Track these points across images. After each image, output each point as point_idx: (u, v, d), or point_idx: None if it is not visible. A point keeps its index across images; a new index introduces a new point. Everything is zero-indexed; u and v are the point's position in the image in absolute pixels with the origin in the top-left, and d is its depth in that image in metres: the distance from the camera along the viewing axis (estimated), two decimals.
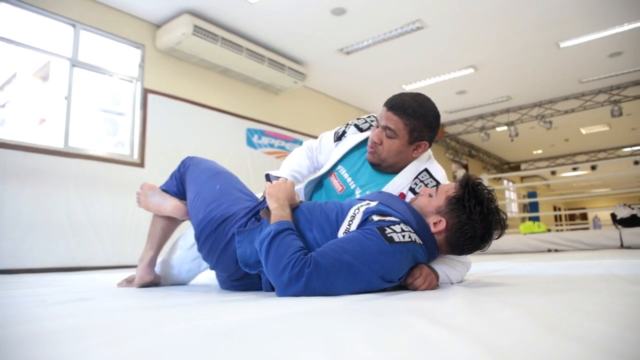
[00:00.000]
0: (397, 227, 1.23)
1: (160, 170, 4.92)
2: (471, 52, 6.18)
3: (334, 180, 1.66)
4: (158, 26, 5.12)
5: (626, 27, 5.52)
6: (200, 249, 1.54)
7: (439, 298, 1.10)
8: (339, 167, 1.67)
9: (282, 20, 5.13)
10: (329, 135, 1.81)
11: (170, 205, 1.76)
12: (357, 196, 1.58)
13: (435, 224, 1.32)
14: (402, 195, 1.55)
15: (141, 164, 4.79)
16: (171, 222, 1.84)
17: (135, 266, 4.59)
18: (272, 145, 6.43)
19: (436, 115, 1.55)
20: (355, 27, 5.34)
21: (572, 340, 0.59)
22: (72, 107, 4.32)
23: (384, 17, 5.14)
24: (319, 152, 1.83)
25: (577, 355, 0.52)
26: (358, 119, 1.78)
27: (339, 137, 1.76)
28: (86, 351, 0.60)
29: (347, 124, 1.77)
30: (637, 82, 7.52)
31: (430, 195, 1.37)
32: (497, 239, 1.34)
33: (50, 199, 4.00)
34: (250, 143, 6.11)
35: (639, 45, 6.11)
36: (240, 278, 1.48)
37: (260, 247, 1.23)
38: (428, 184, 1.55)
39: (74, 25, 4.43)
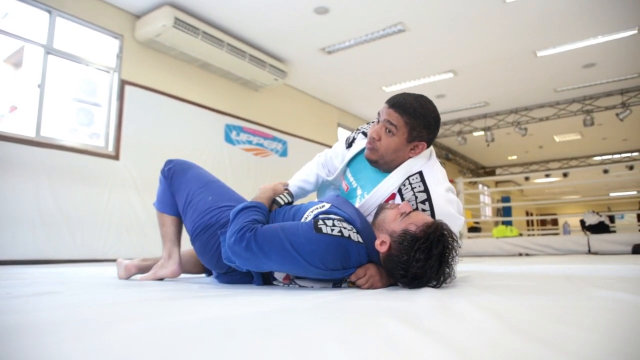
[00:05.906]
0: (329, 221, 1.33)
1: (135, 163, 4.83)
2: (451, 56, 6.27)
3: (342, 182, 1.79)
4: (138, 17, 5.02)
5: (600, 39, 5.69)
6: (196, 251, 1.71)
7: (410, 299, 1.11)
8: (347, 170, 1.77)
9: (265, 17, 5.10)
10: (342, 141, 1.92)
11: (169, 271, 1.84)
12: (359, 194, 1.65)
13: (382, 242, 1.33)
14: (393, 196, 1.55)
15: (116, 157, 4.69)
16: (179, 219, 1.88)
17: (110, 260, 4.46)
18: (250, 142, 6.39)
19: (436, 117, 1.58)
20: (337, 26, 5.35)
21: (539, 342, 0.60)
22: (45, 95, 4.21)
23: (366, 18, 5.17)
24: (335, 157, 1.93)
25: (543, 357, 0.54)
26: (368, 123, 1.84)
27: (349, 144, 1.84)
28: (48, 346, 0.58)
29: (357, 130, 1.85)
30: (609, 93, 7.76)
31: (401, 214, 1.35)
32: (433, 286, 1.31)
33: (19, 189, 3.88)
34: (228, 139, 6.06)
35: (611, 57, 6.30)
36: (229, 272, 1.63)
37: (231, 216, 1.44)
38: (415, 187, 1.52)
39: (49, 12, 4.31)
